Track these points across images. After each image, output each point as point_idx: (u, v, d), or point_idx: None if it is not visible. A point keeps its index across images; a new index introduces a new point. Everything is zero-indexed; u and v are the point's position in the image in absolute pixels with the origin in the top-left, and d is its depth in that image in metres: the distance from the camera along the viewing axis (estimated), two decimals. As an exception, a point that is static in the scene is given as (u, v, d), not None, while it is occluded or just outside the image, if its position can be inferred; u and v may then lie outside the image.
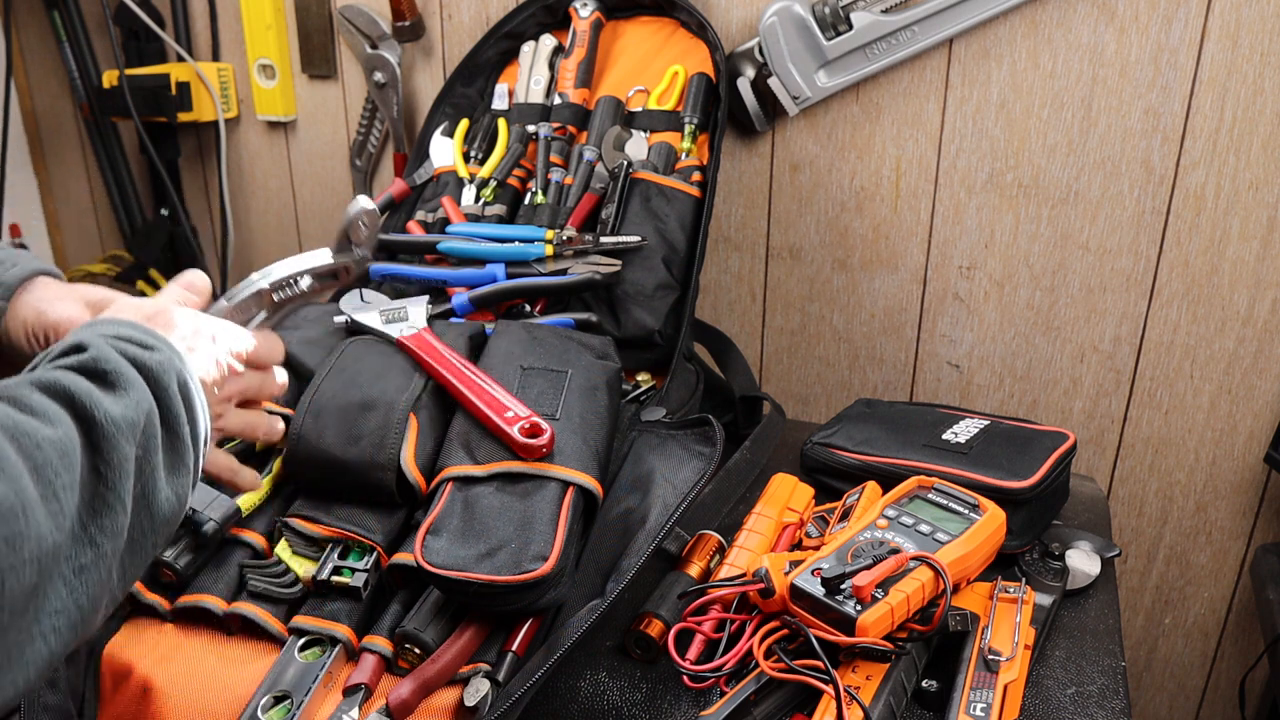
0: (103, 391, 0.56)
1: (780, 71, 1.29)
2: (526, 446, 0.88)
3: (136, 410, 0.57)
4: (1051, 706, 0.79)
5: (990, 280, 1.35)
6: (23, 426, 0.51)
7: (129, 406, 0.57)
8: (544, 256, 1.16)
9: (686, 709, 0.79)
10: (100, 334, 0.61)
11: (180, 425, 0.61)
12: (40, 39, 1.82)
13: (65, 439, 0.52)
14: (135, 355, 0.60)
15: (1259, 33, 1.14)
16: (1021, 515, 0.94)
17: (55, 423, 0.53)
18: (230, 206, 1.75)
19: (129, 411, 0.56)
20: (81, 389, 0.55)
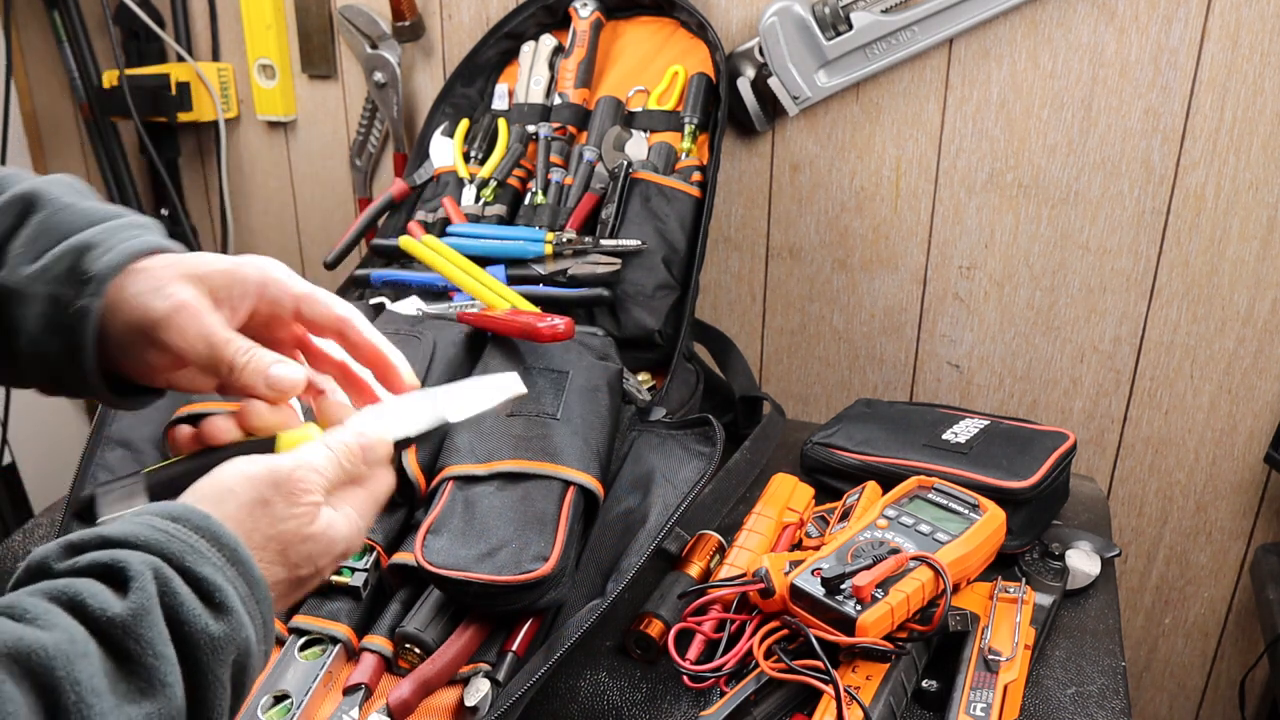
0: (109, 689, 0.40)
1: (780, 71, 1.29)
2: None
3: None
4: (1051, 706, 0.79)
5: (990, 280, 1.35)
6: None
7: (144, 714, 0.41)
8: (543, 256, 1.16)
9: (686, 709, 0.79)
10: (153, 563, 0.44)
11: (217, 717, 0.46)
12: (40, 39, 1.82)
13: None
14: (189, 624, 0.44)
15: (1259, 33, 1.14)
16: (1021, 515, 0.94)
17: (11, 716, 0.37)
18: (230, 206, 1.75)
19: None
20: (75, 683, 0.39)
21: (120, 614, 0.42)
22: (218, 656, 0.44)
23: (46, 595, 0.42)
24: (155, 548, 0.45)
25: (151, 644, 0.42)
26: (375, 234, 1.38)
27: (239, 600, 0.46)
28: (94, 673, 0.40)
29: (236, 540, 0.48)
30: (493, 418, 0.93)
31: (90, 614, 0.41)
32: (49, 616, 0.40)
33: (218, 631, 0.44)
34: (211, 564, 0.46)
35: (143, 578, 0.43)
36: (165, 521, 0.46)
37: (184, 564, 0.45)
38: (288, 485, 0.52)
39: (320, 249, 1.76)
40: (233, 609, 0.45)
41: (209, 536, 0.47)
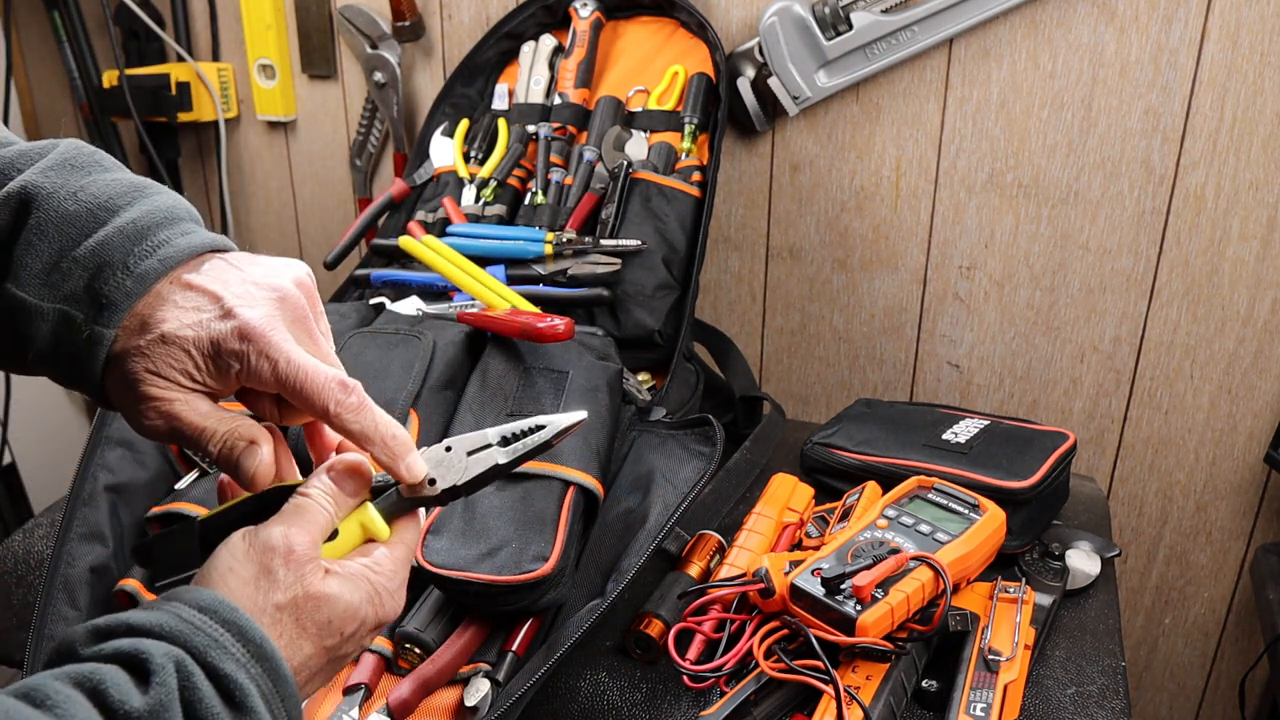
0: None
1: (780, 71, 1.29)
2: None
3: None
4: (1051, 706, 0.79)
5: (990, 280, 1.35)
6: None
7: None
8: (543, 256, 1.16)
9: (686, 709, 0.79)
10: (176, 655, 0.43)
11: None
12: (40, 39, 1.82)
13: None
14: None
15: (1259, 33, 1.14)
16: (1021, 515, 0.94)
17: None
18: (230, 206, 1.75)
19: None
20: None
21: (139, 710, 0.41)
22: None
23: (70, 680, 0.41)
24: (180, 640, 0.44)
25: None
26: (375, 234, 1.38)
27: (260, 699, 0.45)
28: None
29: (264, 636, 0.46)
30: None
31: (110, 705, 0.41)
32: (69, 705, 0.40)
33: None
34: (235, 660, 0.45)
35: (164, 671, 0.42)
36: (193, 612, 0.46)
37: (207, 659, 0.44)
38: (285, 545, 0.50)
39: (320, 249, 1.76)
40: (253, 709, 0.44)
41: (235, 631, 0.46)
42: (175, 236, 0.54)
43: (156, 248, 0.53)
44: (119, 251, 0.52)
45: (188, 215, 0.57)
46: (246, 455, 0.54)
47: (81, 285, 0.52)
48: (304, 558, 0.50)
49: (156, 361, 0.52)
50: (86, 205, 0.53)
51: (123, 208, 0.54)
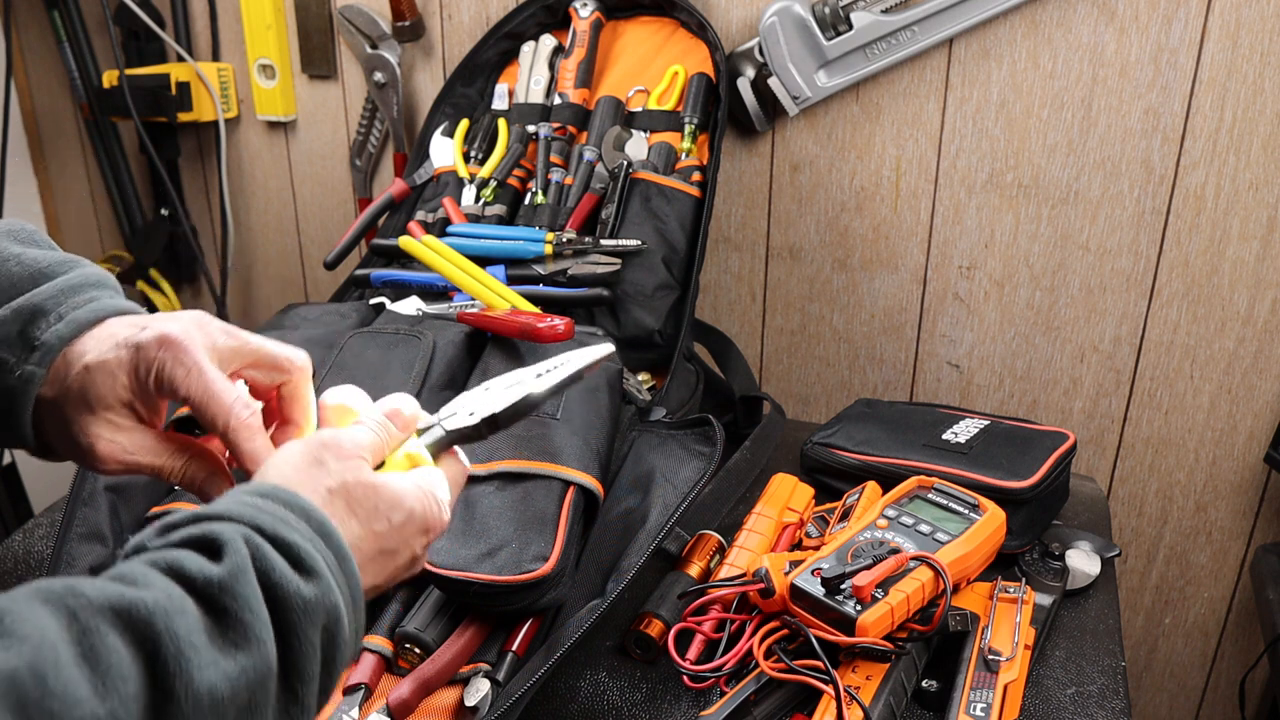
0: (206, 642, 0.42)
1: (780, 71, 1.29)
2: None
3: (243, 677, 0.43)
4: (1051, 706, 0.79)
5: (990, 280, 1.35)
6: (44, 702, 0.36)
7: (234, 674, 0.42)
8: (543, 256, 1.16)
9: (686, 709, 0.79)
10: (244, 531, 0.46)
11: (307, 686, 0.46)
12: (40, 39, 1.82)
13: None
14: (281, 585, 0.45)
15: (1259, 33, 1.14)
16: (1021, 515, 0.94)
17: (108, 692, 0.38)
18: (230, 206, 1.75)
19: (229, 681, 0.42)
20: (174, 636, 0.41)
21: (216, 575, 0.44)
22: (309, 618, 0.46)
23: (146, 562, 0.44)
24: (246, 519, 0.47)
25: (247, 600, 0.44)
26: (375, 234, 1.38)
27: (327, 568, 0.48)
28: (191, 627, 0.42)
29: (324, 515, 0.50)
30: None
31: (188, 576, 0.43)
32: (148, 578, 0.43)
33: (309, 593, 0.46)
34: (299, 534, 0.47)
35: (235, 543, 0.45)
36: (254, 497, 0.48)
37: (274, 532, 0.47)
38: (335, 442, 0.54)
39: (320, 249, 1.76)
40: (321, 574, 0.47)
41: (297, 510, 0.49)
42: (104, 297, 0.60)
43: (88, 301, 0.59)
44: (52, 303, 0.58)
45: (114, 285, 0.63)
46: (210, 485, 0.60)
47: (15, 332, 0.57)
48: (352, 452, 0.54)
49: (88, 394, 0.57)
50: (28, 269, 0.59)
51: (60, 274, 0.60)
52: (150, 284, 1.84)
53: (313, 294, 1.82)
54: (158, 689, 0.40)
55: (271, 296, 1.86)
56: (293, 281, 1.83)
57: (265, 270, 1.84)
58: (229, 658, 0.42)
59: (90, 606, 0.40)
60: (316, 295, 1.81)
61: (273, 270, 1.84)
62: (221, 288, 1.76)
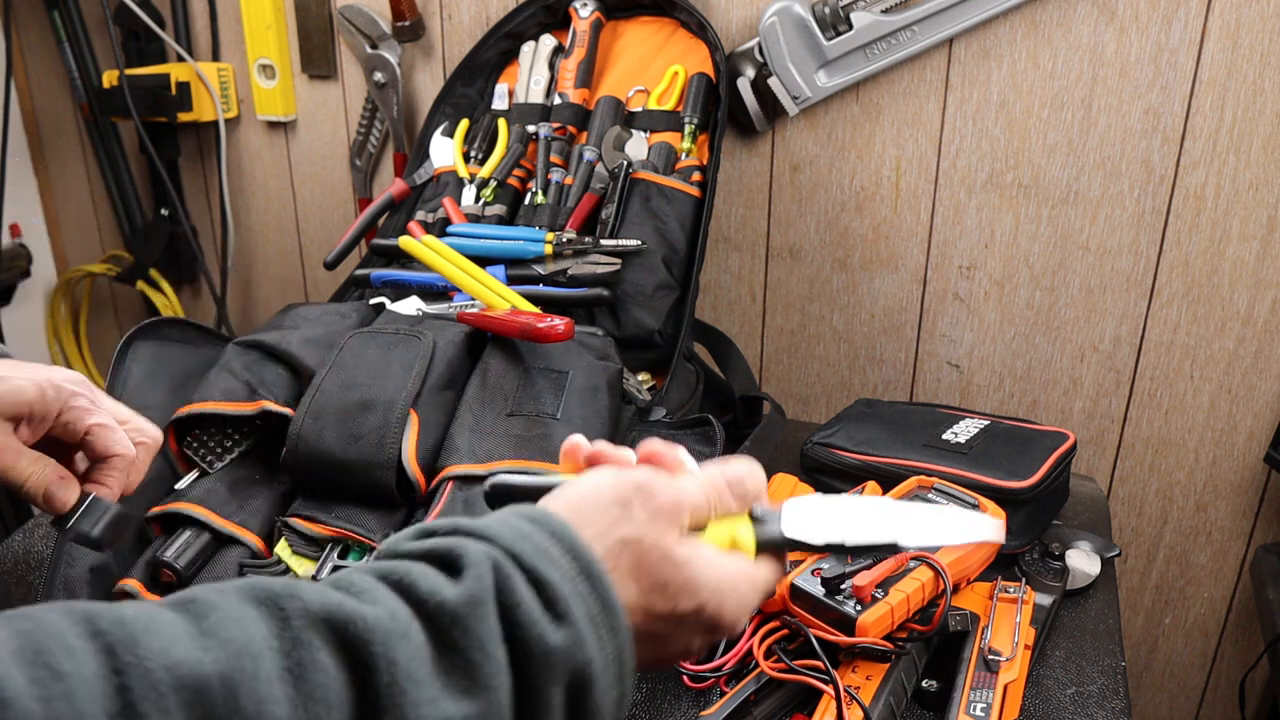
0: (429, 676, 0.37)
1: (780, 71, 1.29)
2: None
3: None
4: (1051, 706, 0.79)
5: (990, 280, 1.35)
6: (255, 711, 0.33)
7: (455, 717, 0.37)
8: (543, 256, 1.16)
9: (686, 709, 0.79)
10: (496, 555, 0.41)
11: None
12: (40, 39, 1.82)
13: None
14: (524, 626, 0.39)
15: (1259, 33, 1.14)
16: (1021, 515, 0.94)
17: (307, 717, 0.34)
18: (230, 206, 1.75)
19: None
20: (391, 664, 0.36)
21: (449, 600, 0.38)
22: (550, 671, 0.39)
23: (376, 574, 0.40)
24: (502, 543, 0.42)
25: (480, 639, 0.38)
26: (375, 234, 1.38)
27: (584, 617, 0.41)
28: (413, 656, 0.37)
29: (594, 556, 0.43)
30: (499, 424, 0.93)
31: (418, 596, 0.39)
32: (375, 592, 0.38)
33: (554, 642, 0.39)
34: (560, 570, 0.41)
35: (480, 567, 0.40)
36: (521, 521, 0.43)
37: (530, 564, 0.41)
38: (651, 490, 0.47)
39: (320, 249, 1.76)
40: (575, 622, 0.40)
41: (564, 543, 0.43)
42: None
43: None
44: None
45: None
46: (62, 489, 0.64)
47: None
48: (668, 507, 0.47)
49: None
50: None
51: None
52: (150, 284, 1.84)
53: (313, 294, 1.82)
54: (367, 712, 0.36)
55: (271, 296, 1.86)
56: (293, 281, 1.83)
57: (265, 270, 1.84)
58: (453, 700, 0.37)
59: (306, 614, 0.36)
60: (316, 295, 1.81)
61: (273, 270, 1.84)
62: (221, 288, 1.76)
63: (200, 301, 1.92)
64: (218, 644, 0.33)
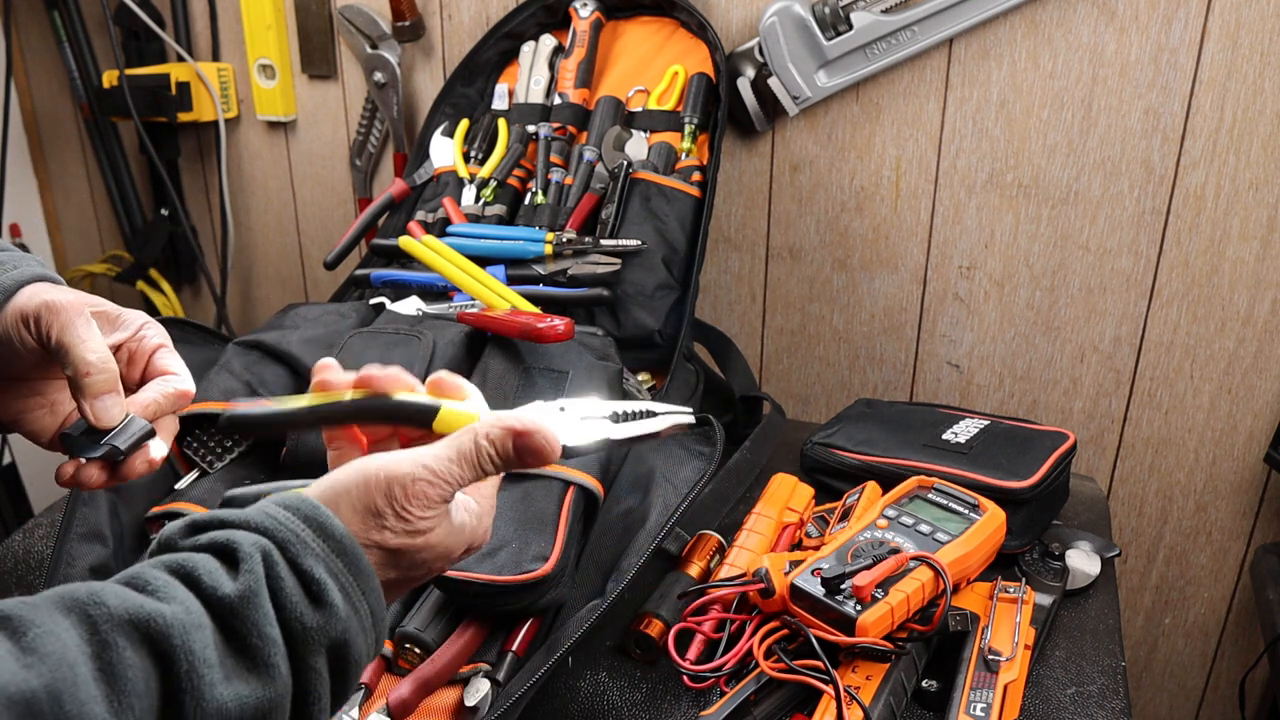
0: (219, 661, 0.42)
1: (780, 71, 1.29)
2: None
3: (253, 699, 0.43)
4: (1051, 706, 0.79)
5: (990, 280, 1.35)
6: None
7: (245, 695, 0.43)
8: (543, 256, 1.16)
9: (686, 709, 0.79)
10: (264, 546, 0.46)
11: (316, 705, 0.47)
12: (40, 39, 1.82)
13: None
14: (287, 609, 0.45)
15: (1259, 33, 1.14)
16: (1021, 515, 0.94)
17: (123, 710, 0.39)
18: (230, 206, 1.75)
19: (239, 702, 0.43)
20: (189, 653, 0.41)
21: (230, 594, 0.44)
22: (311, 645, 0.45)
23: (166, 567, 0.44)
24: (266, 532, 0.47)
25: (257, 625, 0.44)
26: (375, 234, 1.38)
27: (339, 592, 0.47)
28: (207, 645, 0.42)
29: (344, 532, 0.48)
30: None
31: (203, 589, 0.44)
32: (168, 589, 0.43)
33: (311, 622, 0.45)
34: (315, 554, 0.47)
35: (252, 560, 0.45)
36: (277, 509, 0.48)
37: (289, 553, 0.46)
38: (404, 498, 0.51)
39: (320, 249, 1.76)
40: (331, 603, 0.46)
41: (316, 528, 0.48)
42: (32, 266, 0.64)
43: (23, 268, 0.63)
44: (4, 256, 0.63)
45: (41, 261, 0.66)
46: (115, 404, 0.60)
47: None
48: (420, 508, 0.51)
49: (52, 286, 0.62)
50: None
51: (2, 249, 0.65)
52: (150, 284, 1.84)
53: (313, 294, 1.82)
54: (170, 705, 0.41)
55: (271, 296, 1.86)
56: (293, 281, 1.83)
57: (265, 270, 1.84)
58: (242, 680, 0.43)
59: (111, 619, 0.40)
60: (316, 295, 1.81)
61: (273, 270, 1.84)
62: (221, 288, 1.76)
63: (200, 301, 1.92)
64: (39, 659, 0.37)
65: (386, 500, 0.50)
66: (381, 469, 0.51)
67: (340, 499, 0.50)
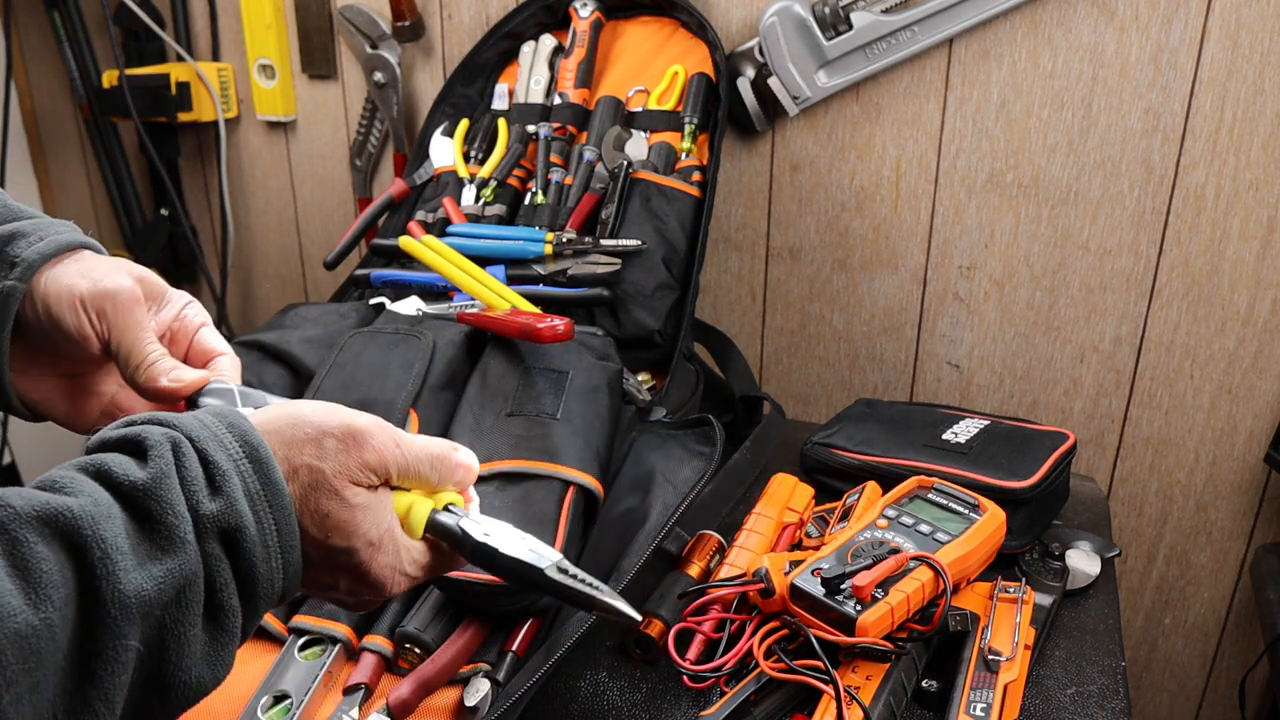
0: (132, 546, 0.43)
1: (780, 71, 1.29)
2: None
3: (169, 578, 0.44)
4: (1051, 706, 0.79)
5: (990, 280, 1.35)
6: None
7: (159, 575, 0.44)
8: (543, 256, 1.16)
9: (686, 709, 0.79)
10: (174, 436, 0.47)
11: (224, 592, 0.47)
12: (40, 39, 1.82)
13: (42, 629, 0.39)
14: (195, 500, 0.46)
15: (1259, 33, 1.14)
16: (1021, 515, 0.94)
17: (41, 601, 0.39)
18: (230, 206, 1.75)
19: (155, 582, 0.43)
20: (100, 541, 0.42)
21: (142, 479, 0.45)
22: (205, 530, 0.46)
23: (76, 466, 0.46)
24: (181, 428, 0.48)
25: (171, 504, 0.45)
26: (375, 234, 1.38)
27: (243, 492, 0.48)
28: (118, 532, 0.43)
29: (261, 441, 0.49)
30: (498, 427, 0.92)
31: (114, 480, 0.45)
32: (76, 484, 0.44)
33: (207, 510, 0.46)
34: (225, 451, 0.48)
35: (161, 447, 0.46)
36: (208, 416, 0.50)
37: (201, 446, 0.48)
38: (360, 439, 0.52)
39: (320, 249, 1.76)
40: (230, 495, 0.47)
41: (233, 430, 0.49)
42: (68, 230, 0.64)
43: (60, 233, 0.63)
44: (31, 227, 0.61)
45: (79, 229, 0.66)
46: (181, 370, 0.62)
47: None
48: (368, 460, 0.52)
49: (92, 262, 0.62)
50: (10, 206, 0.63)
51: (31, 216, 0.64)
52: (150, 284, 1.84)
53: (313, 294, 1.82)
54: (87, 593, 0.42)
55: (271, 296, 1.86)
56: (293, 281, 1.83)
57: (265, 270, 1.84)
58: (155, 562, 0.44)
59: (19, 518, 0.41)
60: (316, 295, 1.81)
61: (273, 270, 1.84)
62: (221, 288, 1.76)
63: (200, 301, 1.91)
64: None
65: (344, 431, 0.52)
66: (349, 413, 0.53)
67: (290, 418, 0.52)
